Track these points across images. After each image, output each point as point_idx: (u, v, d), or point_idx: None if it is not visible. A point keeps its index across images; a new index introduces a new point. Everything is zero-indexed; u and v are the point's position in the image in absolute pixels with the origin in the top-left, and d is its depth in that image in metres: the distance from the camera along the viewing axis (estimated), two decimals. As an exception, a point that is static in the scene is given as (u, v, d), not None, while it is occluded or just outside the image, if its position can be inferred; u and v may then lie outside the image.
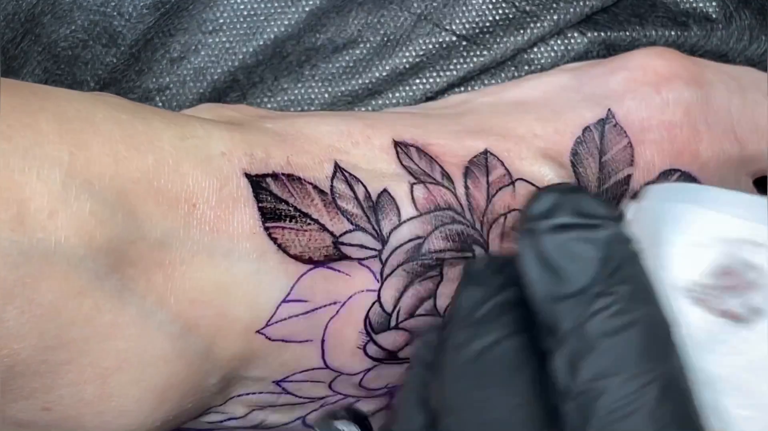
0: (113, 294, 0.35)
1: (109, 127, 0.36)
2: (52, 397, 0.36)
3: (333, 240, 0.39)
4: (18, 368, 0.34)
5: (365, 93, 0.47)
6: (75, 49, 0.46)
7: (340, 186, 0.39)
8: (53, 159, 0.34)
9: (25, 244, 0.34)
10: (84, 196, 0.35)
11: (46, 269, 0.34)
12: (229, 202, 0.37)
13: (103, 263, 0.35)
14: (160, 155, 0.37)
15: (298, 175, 0.39)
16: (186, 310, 0.37)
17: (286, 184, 0.38)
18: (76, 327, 0.35)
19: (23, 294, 0.34)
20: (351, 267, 0.39)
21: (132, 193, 0.36)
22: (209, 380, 0.38)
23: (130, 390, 0.37)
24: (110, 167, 0.35)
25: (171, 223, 0.36)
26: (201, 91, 0.47)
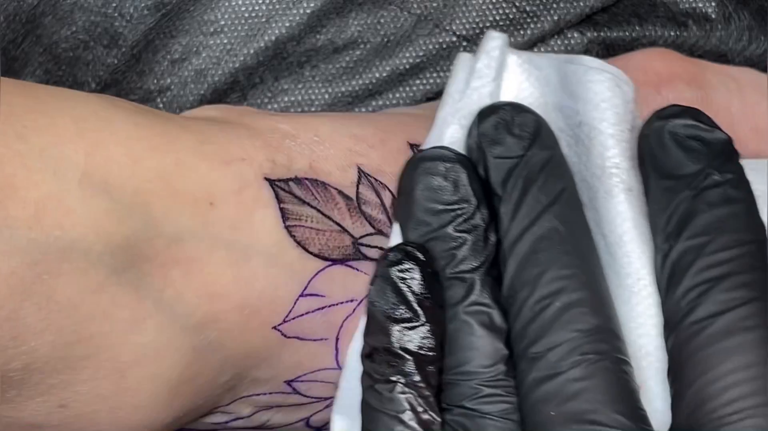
0: (131, 289, 0.36)
1: (125, 128, 0.36)
2: (68, 393, 0.36)
3: (352, 241, 0.39)
4: (36, 364, 0.35)
5: (365, 93, 0.47)
6: (76, 50, 0.46)
7: (366, 192, 0.39)
8: (70, 159, 0.35)
9: (43, 242, 0.34)
10: (100, 194, 0.35)
11: (64, 266, 0.34)
12: (249, 202, 0.38)
13: (120, 259, 0.35)
14: (177, 156, 0.37)
15: (323, 180, 0.39)
16: (204, 305, 0.37)
17: (310, 188, 0.39)
18: (94, 322, 0.35)
19: (41, 291, 0.34)
20: (369, 267, 0.39)
21: (149, 191, 0.36)
22: (221, 377, 0.38)
23: (146, 385, 0.37)
24: (127, 167, 0.36)
25: (189, 220, 0.36)
26: (202, 92, 0.47)
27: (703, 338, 0.35)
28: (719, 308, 0.35)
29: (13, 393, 0.35)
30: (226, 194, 0.37)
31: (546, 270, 0.36)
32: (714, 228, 0.36)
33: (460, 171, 0.37)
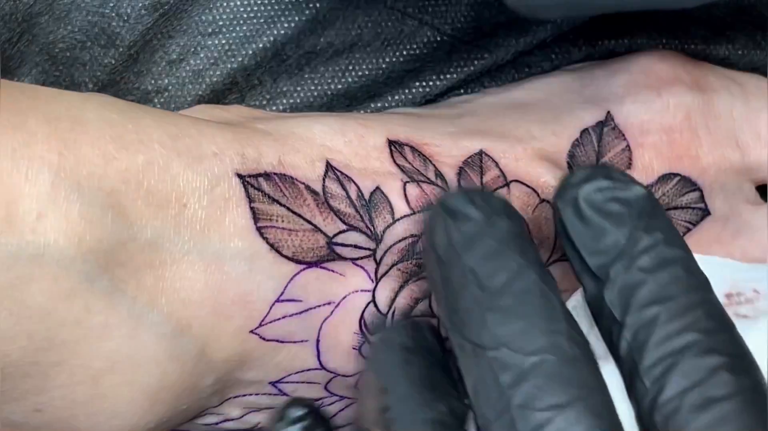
0: (104, 295, 0.35)
1: (98, 126, 0.36)
2: (43, 399, 0.36)
3: (326, 240, 0.38)
4: (8, 370, 0.34)
5: (364, 96, 0.46)
6: (73, 50, 0.46)
7: (332, 185, 0.39)
8: (42, 159, 0.34)
9: (14, 246, 0.33)
10: (73, 197, 0.34)
11: (36, 271, 0.34)
12: (220, 202, 0.37)
13: (93, 264, 0.35)
14: (150, 155, 0.36)
15: (290, 175, 0.38)
16: (178, 311, 0.37)
17: (279, 184, 0.38)
18: (66, 328, 0.35)
19: (12, 296, 0.33)
20: (345, 267, 0.39)
21: (122, 193, 0.35)
22: (204, 381, 0.38)
23: (122, 392, 0.36)
24: (100, 167, 0.35)
25: (161, 223, 0.36)
26: (200, 93, 0.47)
27: (680, 417, 0.32)
28: (689, 382, 0.32)
29: None
30: (198, 193, 0.37)
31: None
32: (660, 298, 0.33)
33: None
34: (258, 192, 0.38)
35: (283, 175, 0.38)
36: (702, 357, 0.32)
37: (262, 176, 0.38)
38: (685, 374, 0.32)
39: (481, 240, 0.33)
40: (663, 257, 0.33)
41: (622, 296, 0.33)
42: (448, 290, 0.33)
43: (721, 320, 0.33)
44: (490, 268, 0.33)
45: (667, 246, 0.34)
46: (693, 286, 0.33)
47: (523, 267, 0.33)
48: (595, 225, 0.34)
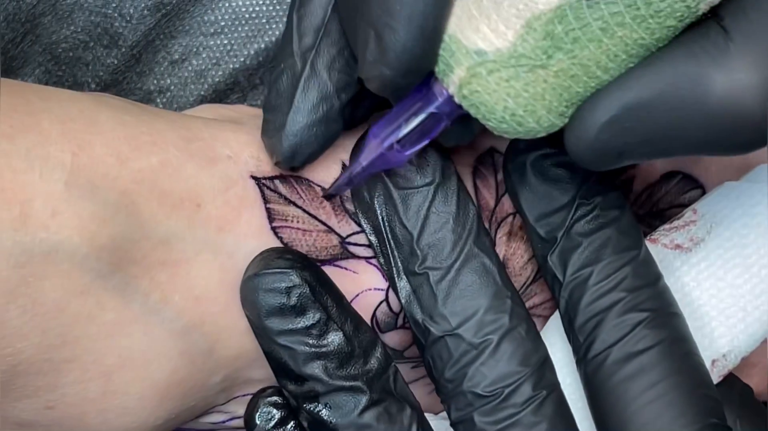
0: (116, 292, 0.35)
1: (112, 127, 0.36)
2: (55, 395, 0.36)
3: (340, 240, 0.38)
4: (21, 367, 0.34)
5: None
6: (76, 50, 0.46)
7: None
8: (56, 159, 0.34)
9: (28, 244, 0.33)
10: (87, 195, 0.35)
11: (50, 268, 0.34)
12: (235, 202, 0.37)
13: (106, 262, 0.35)
14: (163, 156, 0.37)
15: (306, 177, 0.39)
16: (191, 307, 0.37)
17: (295, 186, 0.38)
18: (79, 325, 0.35)
19: (26, 293, 0.34)
20: (358, 265, 0.39)
21: (135, 193, 0.36)
22: (213, 378, 0.38)
23: (133, 388, 0.36)
24: (113, 168, 0.35)
25: (175, 223, 0.36)
26: (202, 93, 0.47)
27: (606, 369, 0.36)
28: (613, 338, 0.36)
29: (0, 395, 0.35)
30: (212, 194, 0.37)
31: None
32: (592, 260, 0.37)
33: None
34: (274, 193, 0.38)
35: (299, 177, 0.39)
36: (625, 314, 0.36)
37: (278, 178, 0.38)
38: (609, 331, 0.36)
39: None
40: (599, 221, 0.37)
41: (561, 258, 0.37)
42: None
43: (646, 276, 0.37)
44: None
45: (603, 210, 0.37)
46: (623, 247, 0.37)
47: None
48: (541, 190, 0.38)
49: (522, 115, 0.33)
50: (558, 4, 0.32)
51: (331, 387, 0.37)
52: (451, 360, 0.37)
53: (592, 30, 0.32)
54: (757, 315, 0.38)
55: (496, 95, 0.33)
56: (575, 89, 0.33)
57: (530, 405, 0.36)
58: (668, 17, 0.32)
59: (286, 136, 0.37)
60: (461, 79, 0.33)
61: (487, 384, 0.36)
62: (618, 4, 0.31)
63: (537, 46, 0.32)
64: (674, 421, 0.35)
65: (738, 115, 0.32)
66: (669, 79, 0.32)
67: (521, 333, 0.37)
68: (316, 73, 0.37)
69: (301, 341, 0.36)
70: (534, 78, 0.33)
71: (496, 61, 0.33)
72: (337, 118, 0.38)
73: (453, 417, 0.37)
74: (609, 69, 0.33)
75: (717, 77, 0.32)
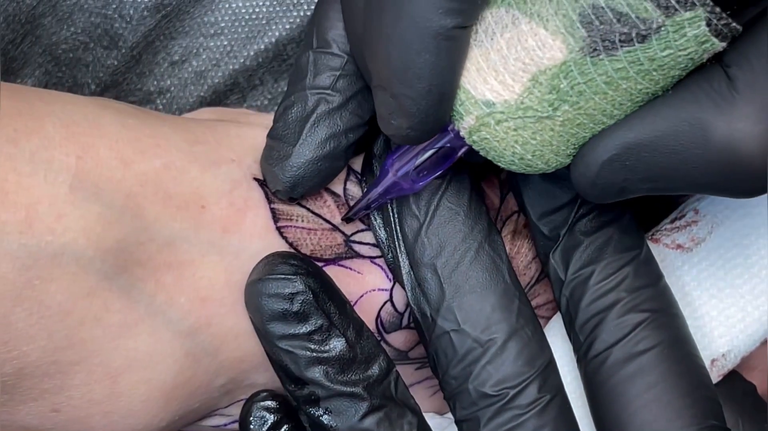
0: (122, 294, 0.36)
1: (116, 130, 0.36)
2: (61, 398, 0.36)
3: (344, 238, 0.39)
4: (28, 369, 0.35)
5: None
6: (76, 51, 0.46)
7: (353, 188, 0.39)
8: (60, 162, 0.34)
9: (34, 247, 0.34)
10: (91, 198, 0.35)
11: (55, 271, 0.34)
12: (240, 203, 0.38)
13: (111, 264, 0.35)
14: (167, 159, 0.37)
15: None
16: (197, 309, 0.37)
17: None
18: (85, 327, 0.35)
19: (32, 296, 0.34)
20: (362, 266, 0.39)
21: (140, 195, 0.36)
22: (217, 380, 0.38)
23: (138, 390, 0.37)
24: (118, 170, 0.36)
25: (180, 225, 0.36)
26: (201, 93, 0.47)
27: (606, 369, 0.36)
28: (613, 338, 0.36)
29: (6, 398, 0.35)
30: (217, 196, 0.37)
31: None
32: (593, 259, 0.37)
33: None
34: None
35: None
36: (626, 314, 0.36)
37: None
38: (610, 331, 0.36)
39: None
40: (601, 219, 0.38)
41: (563, 257, 0.38)
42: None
43: (647, 276, 0.37)
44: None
45: (606, 208, 0.38)
46: (625, 246, 0.37)
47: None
48: (545, 189, 0.38)
49: (531, 159, 0.34)
50: (563, 60, 0.32)
51: (331, 392, 0.37)
52: (456, 356, 0.37)
53: (596, 84, 0.32)
54: (756, 316, 0.39)
55: (505, 142, 0.34)
56: (582, 134, 0.34)
57: (535, 408, 0.36)
58: (672, 68, 0.32)
59: (291, 167, 0.38)
60: (471, 127, 0.34)
61: (493, 383, 0.37)
62: (621, 61, 0.32)
63: (543, 99, 0.33)
64: (673, 423, 0.36)
65: (738, 163, 0.32)
66: (671, 122, 0.33)
67: (528, 333, 0.37)
68: (328, 111, 0.38)
69: (302, 346, 0.36)
70: (541, 127, 0.34)
71: (504, 112, 0.34)
72: (342, 156, 0.38)
73: (457, 416, 0.37)
74: (614, 116, 0.33)
75: (719, 124, 0.32)
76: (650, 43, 0.31)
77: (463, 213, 0.38)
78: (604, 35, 0.32)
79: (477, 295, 0.37)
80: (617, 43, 0.32)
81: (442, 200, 0.38)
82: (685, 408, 0.36)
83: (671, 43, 0.31)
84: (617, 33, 0.31)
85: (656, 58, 0.32)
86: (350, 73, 0.38)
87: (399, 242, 0.38)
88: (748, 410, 0.39)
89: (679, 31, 0.31)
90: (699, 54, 0.32)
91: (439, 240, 0.37)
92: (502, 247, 0.38)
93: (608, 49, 0.32)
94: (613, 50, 0.32)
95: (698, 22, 0.31)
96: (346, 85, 0.38)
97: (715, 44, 0.31)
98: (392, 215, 0.38)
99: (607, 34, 0.32)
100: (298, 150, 0.38)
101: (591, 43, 0.32)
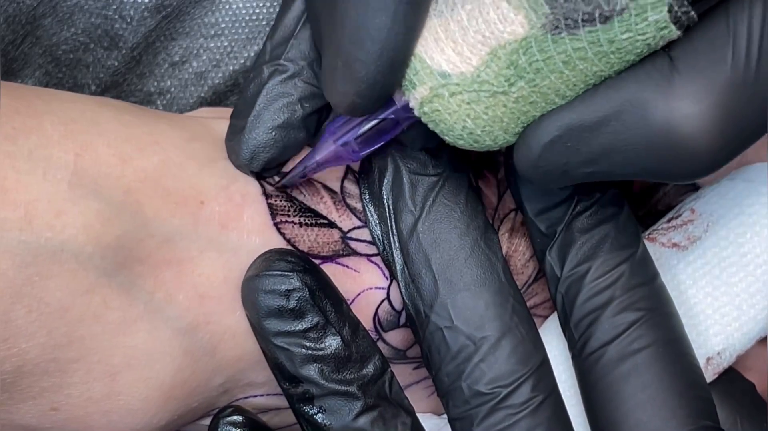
0: (122, 291, 0.36)
1: (114, 127, 0.36)
2: (60, 397, 0.36)
3: (341, 235, 0.39)
4: (27, 367, 0.35)
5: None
6: (76, 51, 0.46)
7: (351, 186, 0.39)
8: (59, 160, 0.35)
9: (33, 244, 0.34)
10: (90, 195, 0.35)
11: (54, 267, 0.34)
12: (238, 199, 0.38)
13: (111, 261, 0.35)
14: (165, 155, 0.37)
15: None
16: (195, 306, 0.37)
17: (296, 182, 0.39)
18: (84, 324, 0.35)
19: (31, 293, 0.34)
20: (360, 264, 0.39)
21: (139, 192, 0.36)
22: (215, 379, 0.38)
23: (137, 388, 0.37)
24: (116, 167, 0.36)
25: (179, 221, 0.36)
26: (202, 94, 0.47)
27: (600, 368, 0.36)
28: (608, 336, 0.36)
29: (5, 396, 0.35)
30: (215, 191, 0.37)
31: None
32: (589, 257, 0.37)
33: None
34: (274, 188, 0.38)
35: None
36: (621, 313, 0.36)
37: (278, 175, 0.39)
38: (605, 329, 0.36)
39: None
40: (598, 217, 0.37)
41: (559, 254, 0.38)
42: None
43: (643, 275, 0.37)
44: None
45: (603, 206, 0.38)
46: (621, 244, 0.37)
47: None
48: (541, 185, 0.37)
49: (479, 134, 0.34)
50: (524, 36, 0.32)
51: (326, 390, 0.37)
52: (449, 354, 0.37)
53: (554, 62, 0.32)
54: (752, 314, 0.39)
55: (456, 115, 0.34)
56: (533, 113, 0.34)
57: (528, 407, 0.36)
58: (629, 53, 0.32)
59: (246, 139, 0.38)
60: (423, 97, 0.34)
61: (486, 382, 0.36)
62: (582, 40, 0.32)
63: (500, 74, 0.33)
64: (667, 422, 0.36)
65: (678, 143, 0.32)
66: (613, 103, 0.33)
67: (522, 332, 0.37)
68: (281, 81, 0.38)
69: (298, 343, 0.36)
70: (494, 102, 0.33)
71: (458, 84, 0.33)
72: (299, 126, 0.38)
73: (451, 414, 0.37)
74: (566, 96, 0.33)
75: (658, 104, 0.32)
76: (612, 24, 0.31)
77: (459, 210, 0.38)
78: (568, 13, 0.31)
79: (471, 293, 0.37)
80: (579, 23, 0.31)
81: (438, 197, 0.37)
82: (679, 408, 0.36)
83: (632, 26, 0.31)
84: (581, 12, 0.31)
85: (615, 41, 0.32)
86: (303, 41, 0.38)
87: (394, 237, 0.38)
88: (747, 408, 0.39)
89: (641, 14, 0.31)
90: (656, 40, 0.32)
91: (434, 236, 0.37)
92: (497, 246, 0.38)
93: (570, 28, 0.32)
94: (574, 29, 0.31)
95: (660, 7, 0.31)
96: (298, 54, 0.38)
97: (672, 31, 0.31)
98: (387, 210, 0.38)
99: (570, 13, 0.31)
100: (252, 120, 0.38)
101: (553, 20, 0.32)
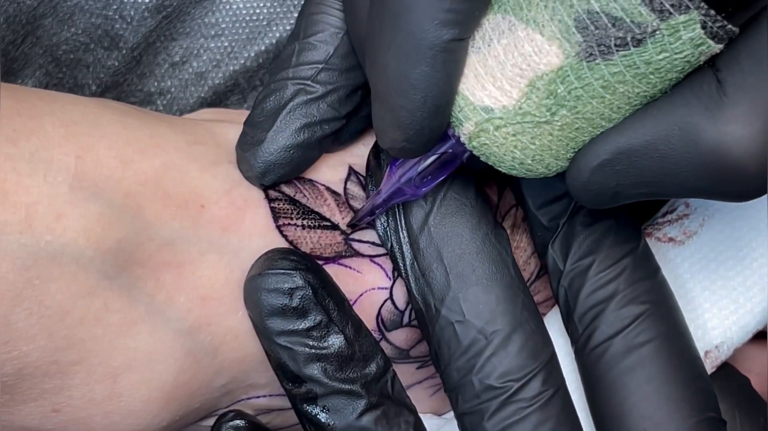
0: (122, 293, 0.36)
1: (115, 130, 0.36)
2: (61, 399, 0.36)
3: (344, 237, 0.39)
4: (28, 369, 0.35)
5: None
6: (76, 52, 0.46)
7: (354, 188, 0.39)
8: (60, 162, 0.35)
9: (34, 246, 0.34)
10: (91, 198, 0.35)
11: (55, 270, 0.34)
12: (239, 202, 0.38)
13: (111, 263, 0.35)
14: (167, 158, 0.37)
15: (310, 177, 0.39)
16: (197, 308, 0.37)
17: (298, 185, 0.39)
18: (85, 326, 0.35)
19: (32, 296, 0.34)
20: (362, 264, 0.39)
21: (139, 194, 0.36)
22: (217, 380, 0.38)
23: (139, 390, 0.37)
24: (117, 170, 0.36)
25: (180, 224, 0.37)
26: (202, 94, 0.47)
27: (605, 361, 0.36)
28: (613, 329, 0.36)
29: (6, 398, 0.35)
30: (216, 195, 0.37)
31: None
32: (593, 250, 0.37)
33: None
34: (277, 192, 0.38)
35: (302, 177, 0.39)
36: (625, 306, 0.36)
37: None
38: (609, 323, 0.36)
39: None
40: (599, 211, 0.37)
41: (562, 247, 0.38)
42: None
43: (646, 268, 0.37)
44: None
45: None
46: (624, 238, 0.37)
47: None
48: (544, 179, 0.36)
49: (530, 164, 0.34)
50: (559, 65, 0.32)
51: (329, 389, 0.37)
52: (460, 348, 0.37)
53: (593, 88, 0.32)
54: (749, 307, 0.39)
55: (504, 148, 0.34)
56: (581, 138, 0.34)
57: (538, 401, 0.36)
58: (669, 71, 0.32)
59: (263, 153, 0.38)
60: (470, 133, 0.34)
61: (497, 376, 0.36)
62: (617, 65, 0.32)
63: (541, 104, 0.33)
64: (672, 415, 0.36)
65: (728, 167, 0.32)
66: (661, 126, 0.33)
67: (531, 327, 0.37)
68: (306, 101, 0.38)
69: (301, 342, 0.36)
70: (540, 132, 0.34)
71: (502, 117, 0.34)
72: (316, 146, 0.38)
73: (459, 409, 0.37)
74: (613, 119, 0.33)
75: (708, 128, 0.32)
76: (646, 46, 0.31)
77: (470, 204, 0.37)
78: (600, 40, 0.32)
79: (482, 287, 0.37)
80: (613, 48, 0.32)
81: (449, 191, 0.37)
82: (684, 400, 0.36)
83: (667, 46, 0.31)
84: (613, 37, 0.31)
85: (652, 62, 0.32)
86: (334, 67, 0.38)
87: (403, 232, 0.38)
88: (744, 403, 0.39)
89: (674, 35, 0.31)
90: (696, 56, 0.32)
91: (446, 230, 0.37)
92: (507, 240, 0.38)
93: (604, 54, 0.32)
94: (609, 55, 0.32)
95: (693, 25, 0.31)
96: (327, 78, 0.38)
97: (711, 46, 0.31)
98: (396, 205, 0.38)
99: (602, 39, 0.32)
100: (272, 136, 0.38)
101: (587, 48, 0.32)
